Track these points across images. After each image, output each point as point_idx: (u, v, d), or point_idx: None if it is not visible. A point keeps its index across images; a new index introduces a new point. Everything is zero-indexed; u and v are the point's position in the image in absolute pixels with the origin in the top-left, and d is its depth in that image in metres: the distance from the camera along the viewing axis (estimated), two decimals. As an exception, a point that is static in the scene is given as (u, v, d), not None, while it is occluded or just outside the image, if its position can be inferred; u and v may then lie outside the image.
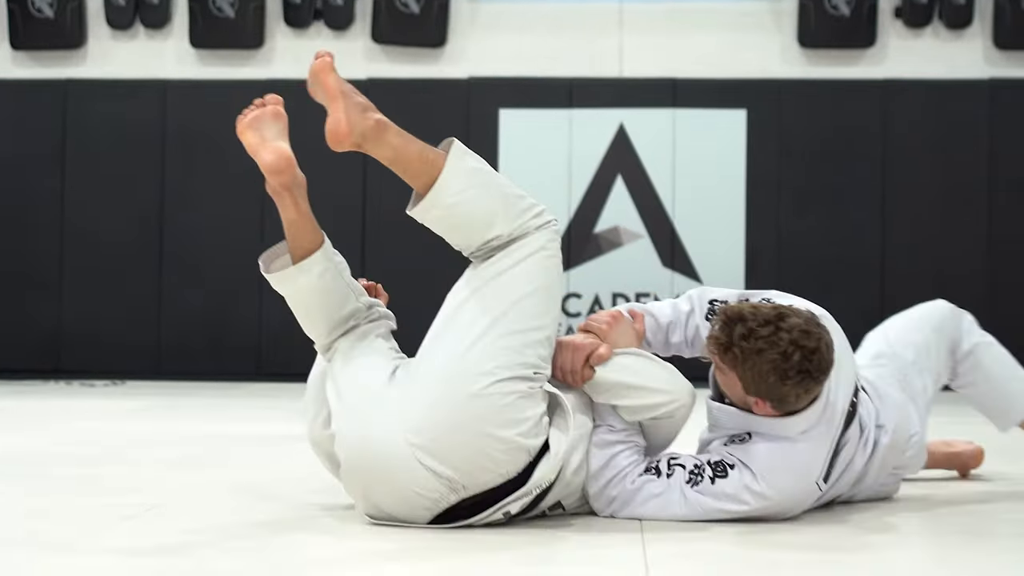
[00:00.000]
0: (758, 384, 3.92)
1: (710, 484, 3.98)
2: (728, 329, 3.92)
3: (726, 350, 3.92)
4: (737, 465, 3.99)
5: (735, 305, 4.01)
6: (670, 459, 4.04)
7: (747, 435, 4.05)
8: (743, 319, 3.91)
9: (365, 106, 4.03)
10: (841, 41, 11.80)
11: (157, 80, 11.89)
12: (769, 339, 3.87)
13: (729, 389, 4.03)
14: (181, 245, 11.74)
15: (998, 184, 11.55)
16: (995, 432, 5.04)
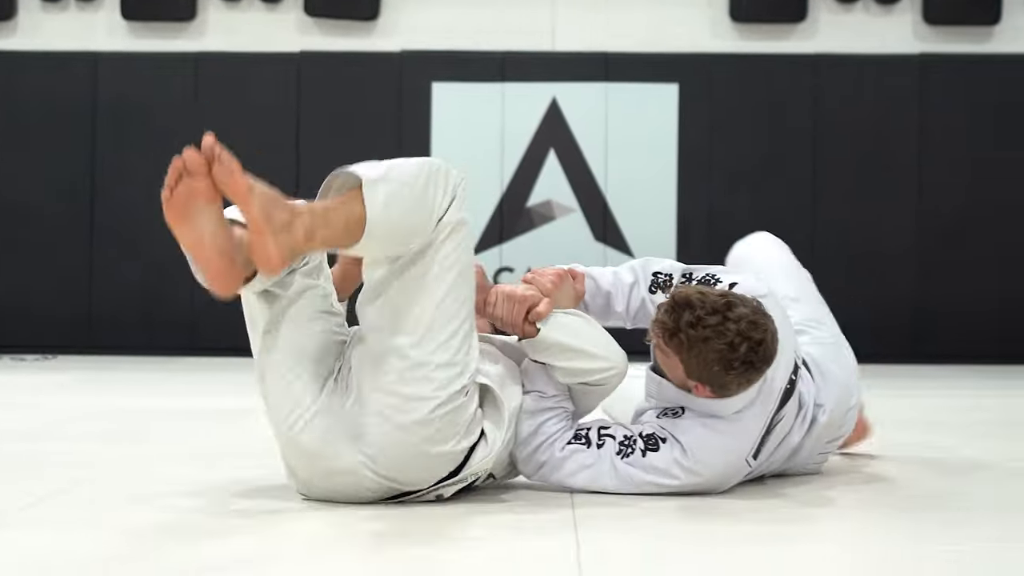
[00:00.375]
0: (701, 371, 3.92)
1: (640, 456, 4.01)
2: (676, 315, 3.90)
3: (672, 335, 3.91)
4: (668, 439, 4.02)
5: (683, 290, 3.98)
6: (600, 428, 4.05)
7: (680, 409, 4.07)
8: (691, 306, 3.88)
9: (279, 209, 3.57)
10: (772, 16, 11.85)
11: (88, 52, 11.81)
12: (717, 328, 3.85)
13: (670, 371, 4.03)
14: (113, 217, 11.68)
15: (928, 159, 11.65)
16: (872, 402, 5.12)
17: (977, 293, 11.54)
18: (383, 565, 3.10)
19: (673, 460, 3.99)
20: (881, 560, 3.22)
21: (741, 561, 3.19)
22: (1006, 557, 3.27)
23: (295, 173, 11.66)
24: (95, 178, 11.69)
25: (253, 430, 5.95)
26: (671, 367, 4.01)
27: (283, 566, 3.05)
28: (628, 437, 4.04)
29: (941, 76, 11.68)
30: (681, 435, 4.02)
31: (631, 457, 4.01)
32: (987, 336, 11.54)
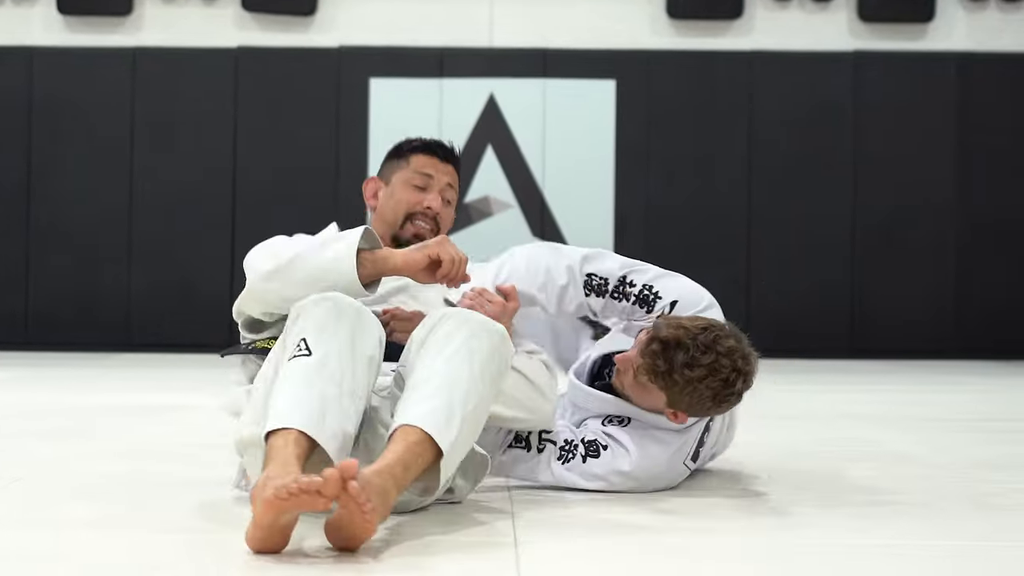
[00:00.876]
0: (690, 404, 3.92)
1: (580, 462, 4.05)
2: (667, 357, 3.85)
3: (665, 376, 3.87)
4: (611, 446, 4.05)
5: (667, 328, 3.91)
6: (541, 433, 4.09)
7: (626, 419, 4.11)
8: (682, 346, 3.84)
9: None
10: (709, 12, 11.91)
11: (23, 47, 11.73)
12: (711, 367, 3.83)
13: (642, 399, 4.02)
14: (49, 214, 11.61)
15: (862, 156, 11.73)
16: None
17: (912, 289, 11.64)
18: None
19: (613, 469, 4.03)
20: (811, 551, 3.26)
21: (674, 566, 3.22)
22: (935, 553, 3.32)
23: (232, 170, 11.63)
24: (31, 174, 11.62)
25: (188, 426, 5.94)
26: (646, 398, 4.00)
27: (226, 563, 3.06)
28: (569, 442, 4.08)
29: (876, 73, 11.77)
30: (627, 444, 4.05)
31: (571, 463, 4.05)
32: (921, 332, 11.63)
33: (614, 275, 4.25)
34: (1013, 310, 11.66)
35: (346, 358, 3.46)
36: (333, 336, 3.47)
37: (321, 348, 3.45)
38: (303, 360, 3.44)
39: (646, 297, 4.22)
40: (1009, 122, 11.73)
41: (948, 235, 11.67)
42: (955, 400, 8.09)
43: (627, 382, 4.02)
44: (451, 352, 3.50)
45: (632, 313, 4.25)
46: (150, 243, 11.59)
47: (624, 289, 4.23)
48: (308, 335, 3.48)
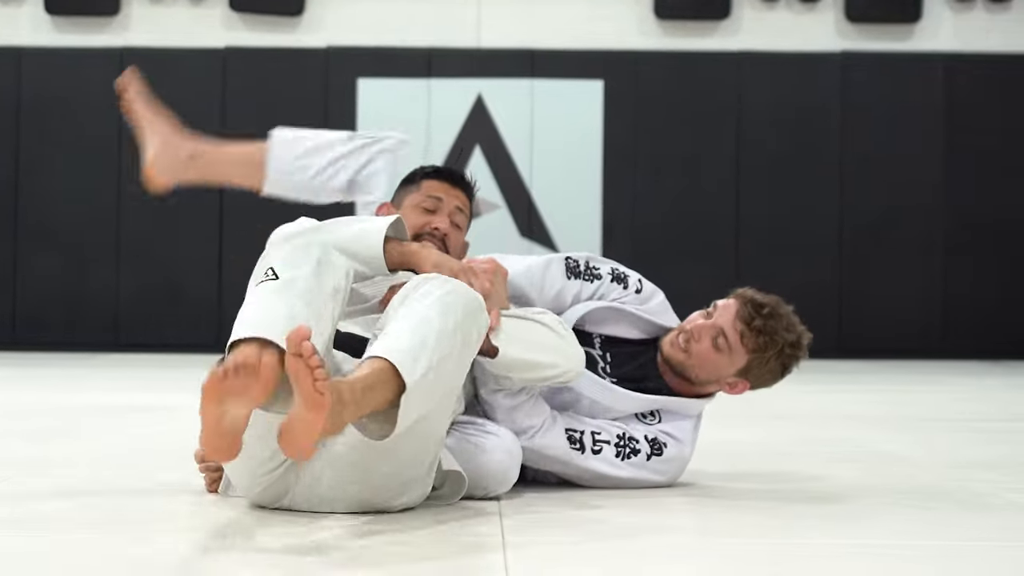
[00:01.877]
0: (760, 374, 4.24)
1: (644, 460, 4.13)
2: (771, 320, 4.17)
3: (769, 338, 4.17)
4: (670, 443, 4.17)
5: (761, 296, 4.23)
6: (594, 434, 4.10)
7: (656, 413, 4.22)
8: (780, 315, 4.19)
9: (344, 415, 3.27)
10: (696, 13, 11.92)
11: (11, 47, 11.72)
12: (799, 336, 4.21)
13: (706, 369, 4.21)
14: (37, 214, 11.60)
15: (850, 156, 11.75)
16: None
17: (899, 289, 11.66)
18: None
19: (676, 461, 4.18)
20: (800, 552, 3.27)
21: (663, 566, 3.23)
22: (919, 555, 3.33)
23: (220, 169, 11.61)
24: (18, 174, 11.61)
25: (176, 426, 5.94)
26: (714, 366, 4.21)
27: (208, 563, 3.06)
28: (626, 437, 4.14)
29: (863, 73, 11.79)
30: (683, 437, 4.21)
31: (634, 459, 4.13)
32: (909, 332, 11.65)
33: (582, 258, 4.35)
34: (1001, 310, 11.68)
35: (313, 283, 3.46)
36: (300, 267, 3.48)
37: (288, 273, 3.47)
38: (270, 283, 3.46)
39: (619, 275, 4.34)
40: (996, 122, 11.76)
41: (936, 235, 11.69)
42: (943, 400, 8.10)
43: (701, 349, 4.20)
44: (427, 304, 3.49)
45: (609, 292, 4.33)
46: (138, 243, 11.58)
47: (593, 270, 4.32)
48: (275, 264, 3.51)
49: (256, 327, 3.28)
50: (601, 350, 4.28)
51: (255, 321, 3.31)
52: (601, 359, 4.26)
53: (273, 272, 3.49)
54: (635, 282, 4.34)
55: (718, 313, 4.22)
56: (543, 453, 4.05)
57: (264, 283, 3.47)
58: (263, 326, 3.28)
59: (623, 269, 4.37)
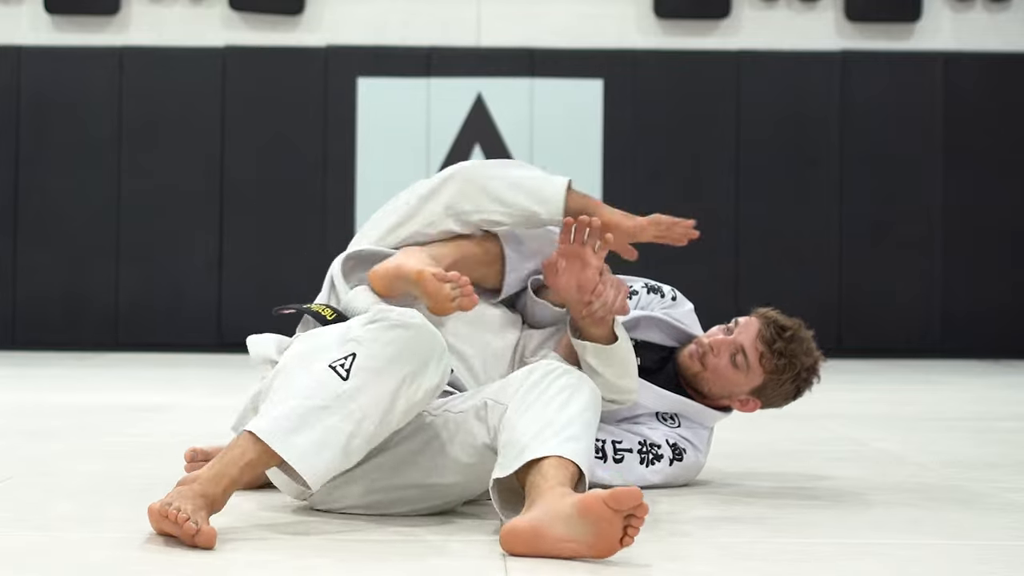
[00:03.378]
0: (774, 395, 4.28)
1: (667, 466, 4.17)
2: (791, 344, 4.22)
3: (787, 361, 4.21)
4: (689, 449, 4.22)
5: (784, 318, 4.30)
6: (615, 443, 4.12)
7: (675, 416, 4.27)
8: (801, 339, 4.24)
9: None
10: (696, 12, 11.92)
11: (11, 46, 11.72)
12: (814, 362, 4.27)
13: (722, 384, 4.23)
14: (37, 214, 11.60)
15: (849, 155, 11.75)
16: None
17: (898, 288, 11.66)
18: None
19: (690, 467, 4.23)
20: (798, 552, 3.27)
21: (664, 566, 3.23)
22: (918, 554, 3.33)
23: (219, 169, 11.62)
24: (18, 174, 11.61)
25: (176, 425, 5.94)
26: (729, 382, 4.23)
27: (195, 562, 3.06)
28: (647, 444, 4.17)
29: (862, 72, 11.79)
30: (700, 444, 4.26)
31: (656, 466, 4.16)
32: (908, 331, 11.66)
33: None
34: (999, 309, 11.68)
35: (382, 405, 3.32)
36: (380, 377, 3.32)
37: (359, 379, 3.31)
38: (334, 380, 3.31)
39: (653, 287, 4.50)
40: (996, 122, 11.76)
41: (935, 234, 11.69)
42: (943, 400, 8.10)
43: (719, 364, 4.22)
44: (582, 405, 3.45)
45: (649, 303, 4.45)
46: (138, 242, 11.58)
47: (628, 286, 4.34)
48: (360, 354, 3.34)
49: (293, 454, 3.24)
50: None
51: (290, 432, 3.25)
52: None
53: (350, 364, 3.33)
54: (669, 291, 4.48)
55: (739, 330, 4.26)
56: None
57: (331, 371, 3.33)
58: (297, 454, 3.24)
59: (654, 283, 4.50)
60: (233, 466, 3.25)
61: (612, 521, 3.04)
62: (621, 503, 3.02)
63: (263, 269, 11.43)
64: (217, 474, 3.23)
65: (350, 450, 3.30)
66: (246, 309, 11.28)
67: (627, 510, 3.03)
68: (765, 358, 4.20)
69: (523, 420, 3.38)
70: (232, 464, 3.25)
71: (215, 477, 3.23)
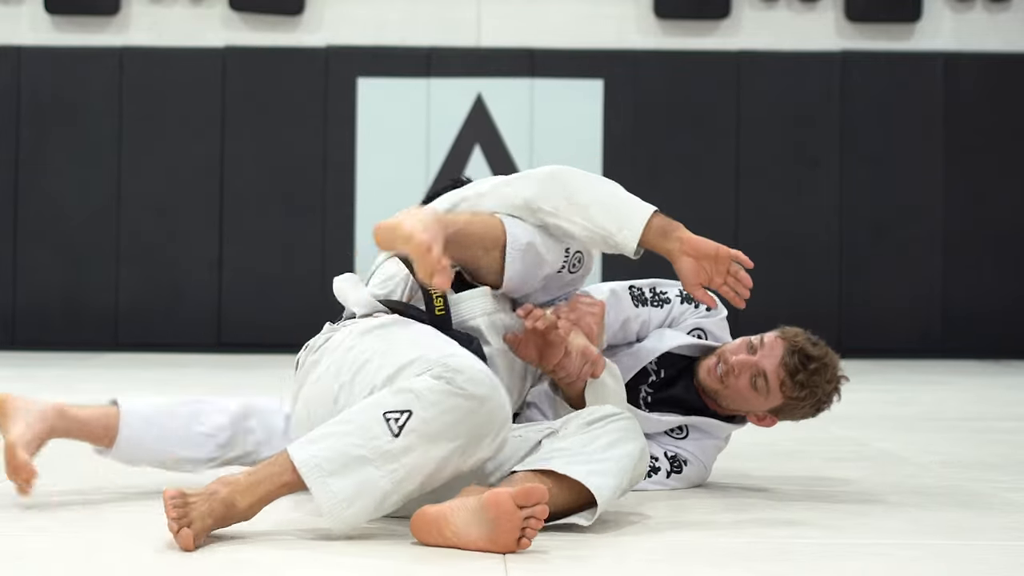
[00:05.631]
0: (794, 413, 4.25)
1: (664, 477, 4.18)
2: (815, 373, 4.18)
3: (807, 390, 4.18)
4: (691, 461, 4.22)
5: (811, 346, 4.23)
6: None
7: (685, 428, 4.26)
8: (827, 367, 4.22)
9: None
10: (696, 12, 11.92)
11: (11, 46, 11.72)
12: (835, 387, 4.26)
13: (738, 402, 4.21)
14: (37, 213, 11.60)
15: (849, 156, 11.75)
16: None
17: (899, 288, 11.66)
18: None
19: (689, 479, 4.23)
20: (798, 551, 3.27)
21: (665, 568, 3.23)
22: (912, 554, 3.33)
23: (219, 169, 11.62)
24: (18, 174, 11.60)
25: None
26: (747, 401, 4.20)
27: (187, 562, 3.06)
28: (649, 457, 4.11)
29: (863, 73, 11.79)
30: (703, 456, 4.27)
31: (654, 477, 4.16)
32: (908, 331, 11.66)
33: (645, 285, 4.42)
34: (1000, 309, 11.68)
35: (427, 469, 3.30)
36: (432, 444, 3.29)
37: (409, 440, 3.27)
38: (385, 434, 3.27)
39: (687, 296, 4.42)
40: (996, 122, 11.76)
41: (935, 234, 11.69)
42: (943, 400, 8.10)
43: (738, 384, 4.17)
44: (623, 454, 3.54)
45: (682, 313, 4.41)
46: (138, 242, 11.58)
47: (661, 295, 4.41)
48: (415, 415, 3.29)
49: (329, 502, 3.24)
50: (656, 365, 4.30)
51: (323, 475, 3.25)
52: (655, 373, 4.30)
53: (403, 423, 3.28)
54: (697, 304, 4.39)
55: (763, 353, 4.19)
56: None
57: (383, 429, 3.28)
58: (334, 501, 3.24)
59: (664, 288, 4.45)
60: (269, 483, 3.27)
61: (512, 518, 3.10)
62: (527, 498, 3.08)
63: (263, 269, 11.43)
64: (251, 485, 3.26)
65: (384, 506, 3.30)
66: (246, 309, 11.28)
67: (529, 508, 3.08)
68: (786, 386, 4.16)
69: (565, 442, 3.50)
70: (269, 480, 3.27)
71: (248, 488, 3.25)
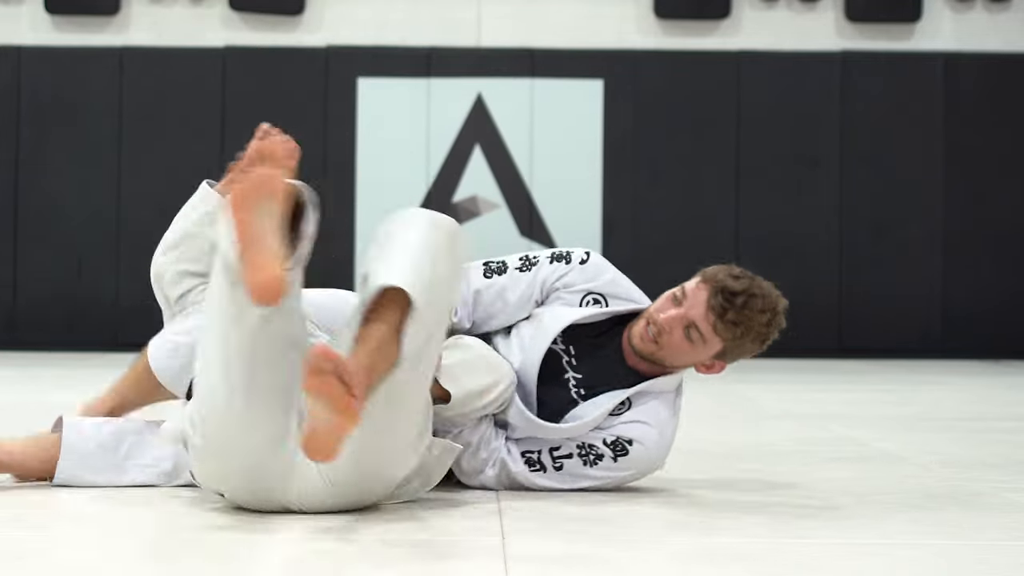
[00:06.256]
0: (740, 352, 4.04)
1: (611, 462, 3.98)
2: (748, 306, 4.01)
3: (745, 326, 3.99)
4: (635, 438, 3.98)
5: (731, 280, 4.10)
6: (552, 451, 3.99)
7: (627, 402, 4.03)
8: (755, 295, 4.04)
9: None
10: (696, 12, 11.92)
11: (11, 46, 11.72)
12: (773, 310, 4.04)
13: (678, 357, 4.01)
14: (37, 213, 11.60)
15: (849, 156, 11.75)
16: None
17: (899, 288, 11.66)
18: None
19: (645, 455, 3.99)
20: (799, 551, 3.27)
21: (668, 563, 3.23)
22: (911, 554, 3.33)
23: (220, 169, 11.61)
24: (18, 174, 11.61)
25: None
26: (688, 354, 4.01)
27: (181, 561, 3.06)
28: (586, 446, 3.99)
29: (863, 73, 11.79)
30: (647, 419, 4.00)
31: (600, 464, 3.98)
32: (909, 331, 11.66)
33: (511, 257, 4.22)
34: (1000, 309, 11.68)
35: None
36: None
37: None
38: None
39: (559, 255, 4.19)
40: (996, 122, 11.76)
41: (935, 234, 11.69)
42: (943, 400, 8.10)
43: (673, 340, 3.99)
44: (414, 233, 3.56)
45: (551, 274, 4.15)
46: (138, 242, 11.58)
47: (532, 260, 4.18)
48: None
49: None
50: (564, 344, 4.08)
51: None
52: (565, 353, 4.08)
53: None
54: (580, 255, 4.20)
55: (688, 303, 4.04)
56: (507, 482, 3.99)
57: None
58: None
59: (561, 249, 4.22)
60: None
61: (332, 385, 3.08)
62: (320, 361, 3.06)
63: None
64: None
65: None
66: (246, 309, 11.27)
67: (330, 367, 3.06)
68: (719, 329, 3.99)
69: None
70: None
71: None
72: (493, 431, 3.98)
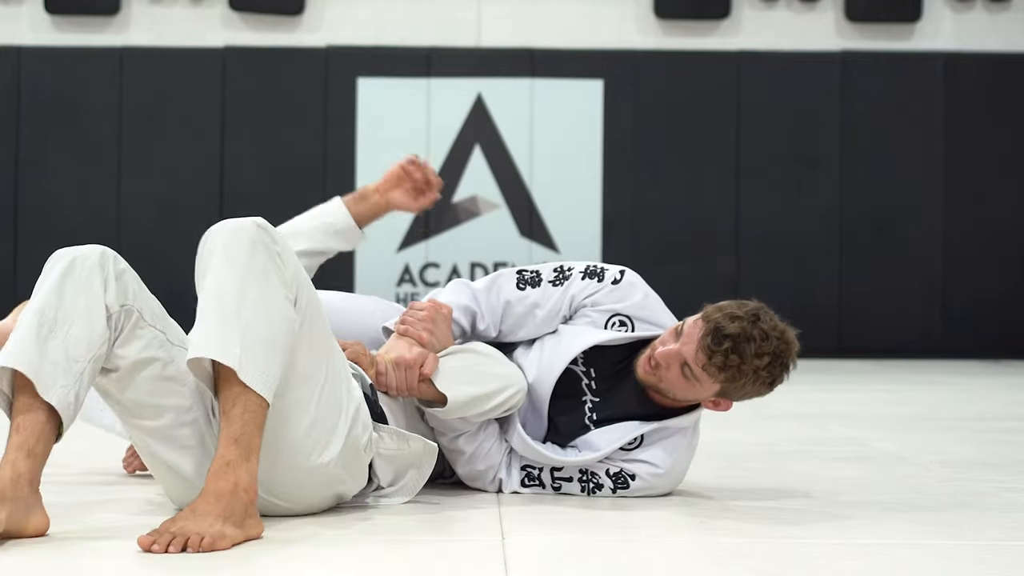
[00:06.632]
0: (744, 392, 3.88)
1: (610, 494, 3.95)
2: (740, 351, 3.77)
3: (737, 369, 3.78)
4: (638, 475, 3.95)
5: (727, 321, 3.79)
6: (553, 471, 3.97)
7: (638, 439, 3.96)
8: (750, 338, 3.78)
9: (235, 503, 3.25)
10: (696, 12, 11.92)
11: (11, 46, 11.72)
12: (774, 353, 3.80)
13: (683, 392, 3.90)
14: (37, 213, 11.60)
15: (849, 155, 11.75)
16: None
17: (899, 288, 11.66)
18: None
19: (644, 490, 3.95)
20: (799, 551, 3.27)
21: (661, 555, 3.23)
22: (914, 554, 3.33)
23: (219, 169, 11.62)
24: (18, 174, 11.61)
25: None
26: (690, 390, 3.88)
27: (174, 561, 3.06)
28: (587, 473, 3.97)
29: (863, 72, 11.79)
30: (655, 460, 3.96)
31: (600, 492, 3.95)
32: (909, 331, 11.66)
33: (544, 267, 4.12)
34: (1000, 309, 11.69)
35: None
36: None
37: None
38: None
39: (592, 271, 4.07)
40: (996, 122, 11.76)
41: (935, 234, 11.69)
42: (943, 400, 8.10)
43: (670, 376, 3.87)
44: (215, 265, 3.61)
45: (581, 291, 4.06)
46: (138, 242, 11.58)
47: (567, 272, 4.08)
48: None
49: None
50: (584, 366, 4.02)
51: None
52: (585, 376, 4.02)
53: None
54: (614, 274, 4.07)
55: (684, 339, 3.85)
56: (503, 492, 3.99)
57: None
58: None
59: (597, 264, 4.11)
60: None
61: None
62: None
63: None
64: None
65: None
66: (246, 309, 11.27)
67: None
68: (708, 370, 3.80)
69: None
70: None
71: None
72: (497, 445, 3.96)
